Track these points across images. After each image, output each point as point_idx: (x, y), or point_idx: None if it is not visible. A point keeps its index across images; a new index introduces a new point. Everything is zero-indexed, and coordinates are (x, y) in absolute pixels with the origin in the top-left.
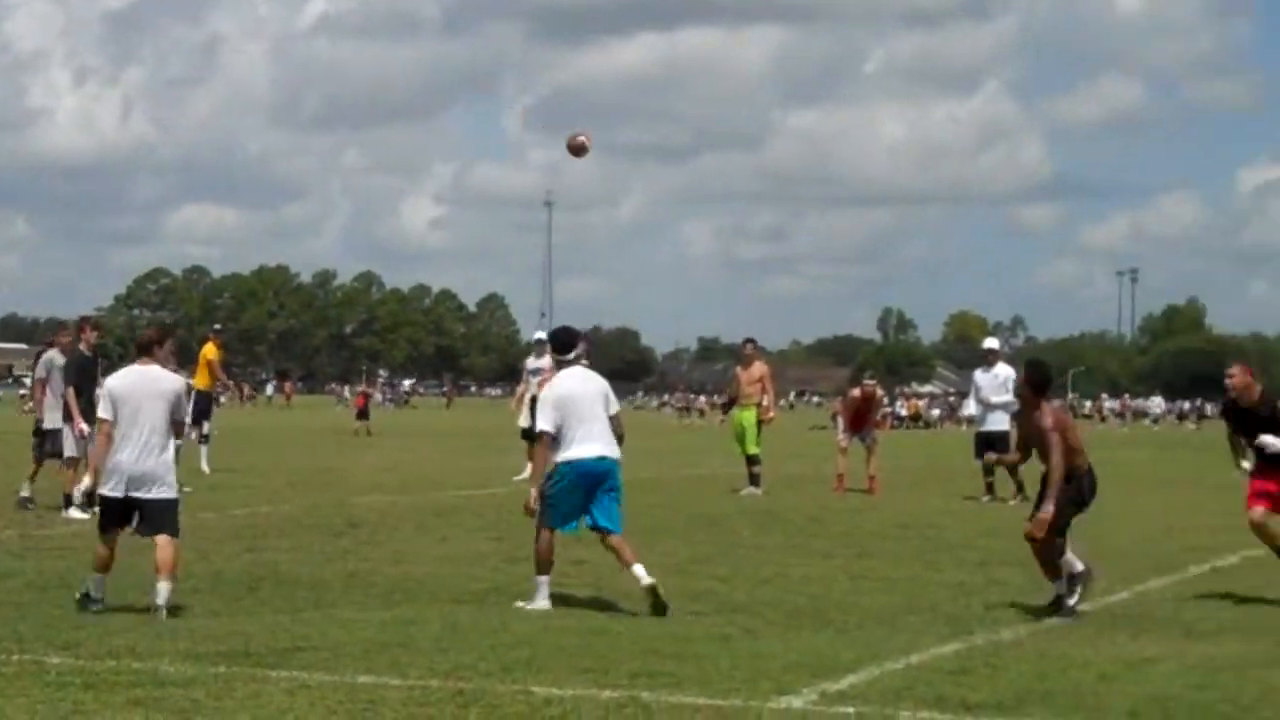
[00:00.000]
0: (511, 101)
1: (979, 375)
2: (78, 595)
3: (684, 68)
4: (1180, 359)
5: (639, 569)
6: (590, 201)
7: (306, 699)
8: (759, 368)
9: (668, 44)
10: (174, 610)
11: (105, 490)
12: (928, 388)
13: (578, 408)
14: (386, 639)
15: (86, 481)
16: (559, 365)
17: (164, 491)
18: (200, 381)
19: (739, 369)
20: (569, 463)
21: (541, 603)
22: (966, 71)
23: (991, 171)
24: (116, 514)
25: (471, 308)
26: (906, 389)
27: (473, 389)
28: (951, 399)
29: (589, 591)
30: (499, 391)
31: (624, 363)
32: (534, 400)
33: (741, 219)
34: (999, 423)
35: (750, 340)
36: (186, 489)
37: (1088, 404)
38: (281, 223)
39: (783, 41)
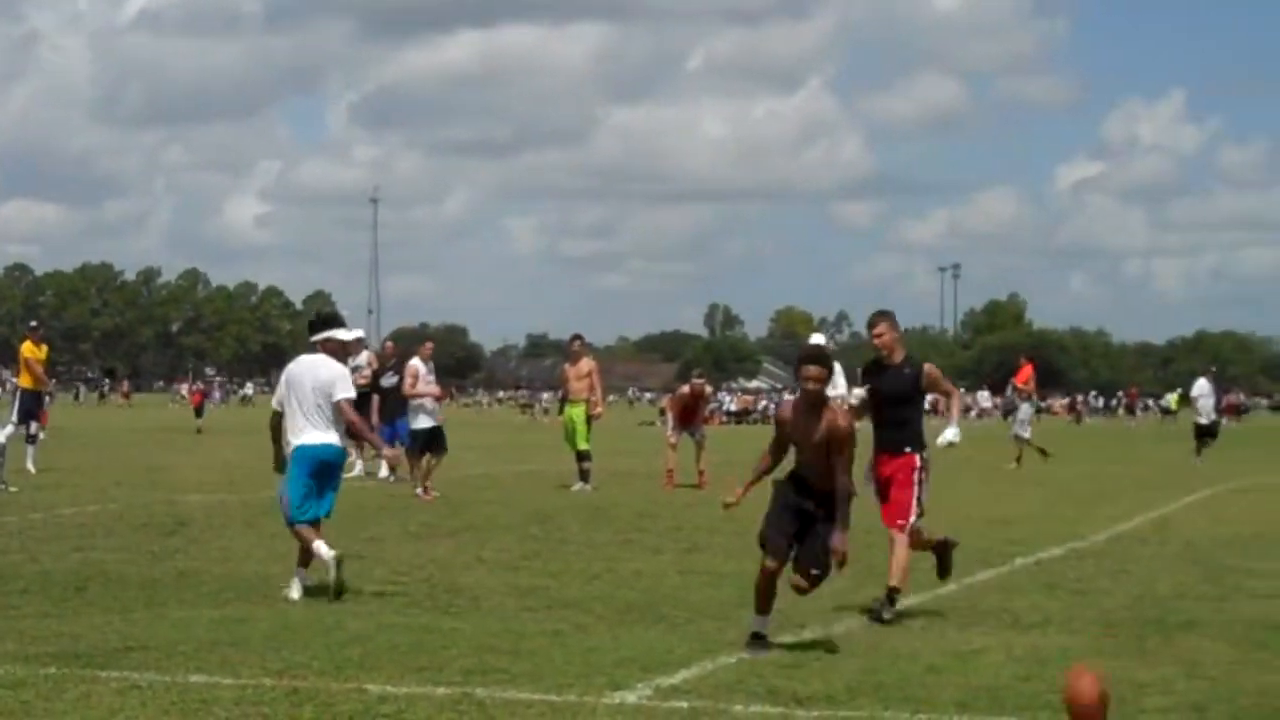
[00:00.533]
0: (336, 98)
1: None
2: None
3: (506, 65)
4: (1002, 353)
5: (323, 547)
6: (416, 198)
7: (138, 699)
8: (586, 364)
9: (490, 41)
10: None
11: None
12: (754, 383)
13: (303, 392)
14: (218, 638)
15: None
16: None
17: None
18: (24, 381)
19: (567, 366)
20: (300, 448)
21: (294, 592)
22: (787, 69)
23: (813, 168)
24: None
25: (298, 305)
26: (734, 384)
27: None
28: (781, 394)
29: (422, 589)
30: None
31: (452, 359)
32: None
33: (567, 215)
34: None
35: (578, 337)
36: (12, 489)
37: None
38: (104, 220)
39: (604, 38)
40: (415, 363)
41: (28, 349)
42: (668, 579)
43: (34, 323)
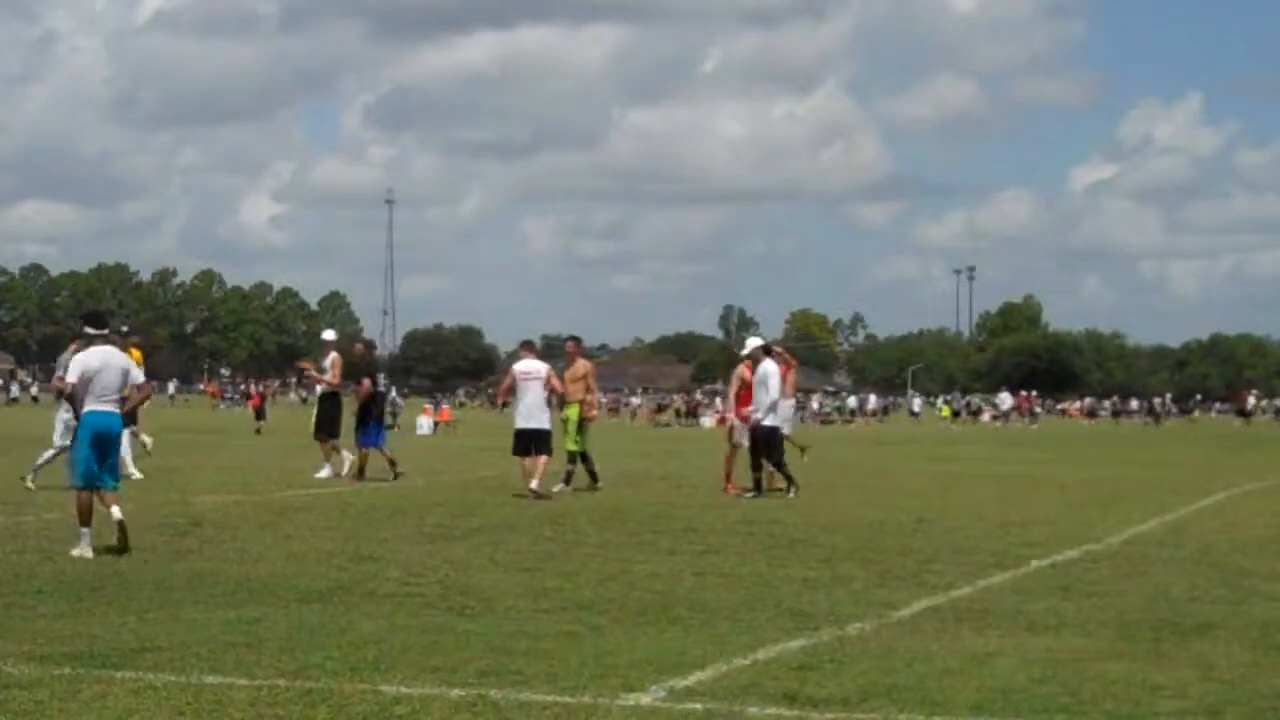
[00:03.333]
0: (351, 99)
1: (741, 370)
2: None
3: (523, 66)
4: (1017, 355)
5: (115, 510)
6: (431, 200)
7: (153, 700)
8: (582, 366)
9: (507, 42)
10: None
11: None
12: None
13: (101, 378)
14: (232, 639)
15: None
16: (90, 341)
17: None
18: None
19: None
20: (87, 413)
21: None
22: (804, 71)
23: (829, 170)
24: None
25: (313, 306)
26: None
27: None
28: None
29: (436, 591)
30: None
31: (467, 361)
32: (324, 398)
33: (582, 217)
34: (768, 420)
35: (573, 338)
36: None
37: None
38: (120, 221)
39: (621, 40)
40: (334, 355)
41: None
42: (682, 580)
43: (125, 328)
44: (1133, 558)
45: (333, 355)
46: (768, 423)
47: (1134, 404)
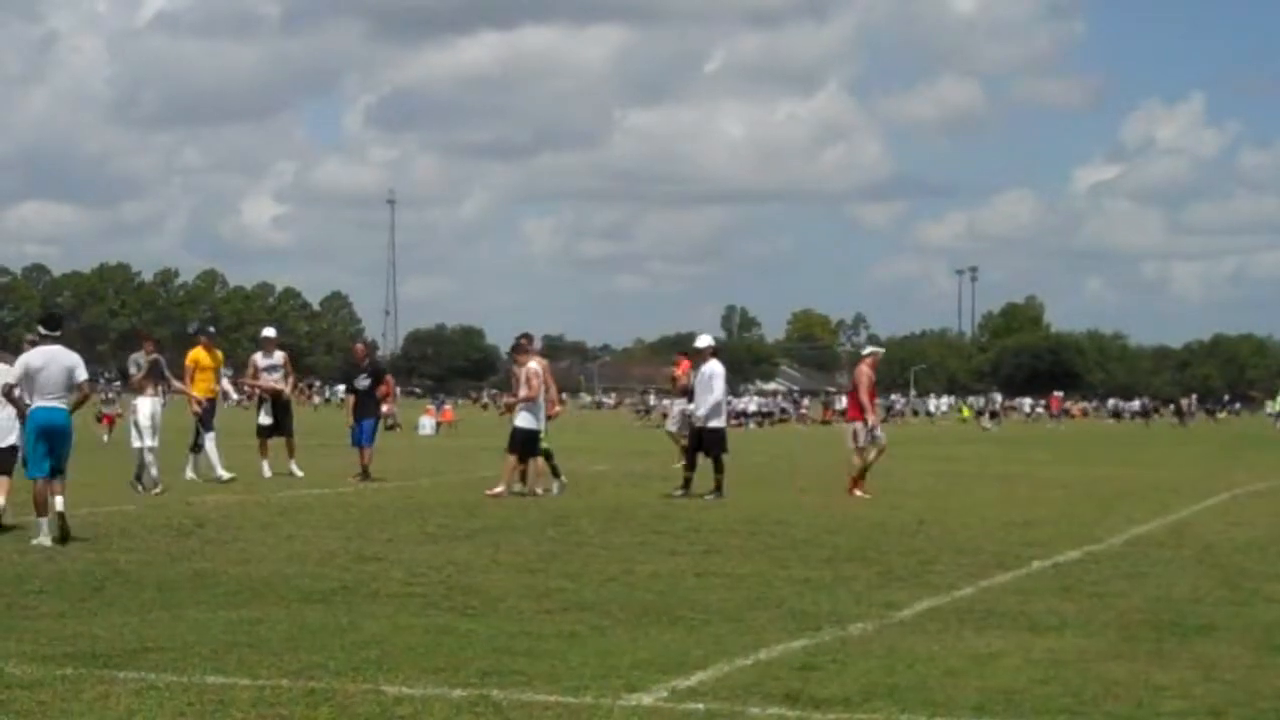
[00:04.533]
0: (352, 100)
1: (692, 372)
2: None
3: (525, 66)
4: (1019, 356)
5: (59, 499)
6: (432, 200)
7: (155, 700)
8: (535, 364)
9: (508, 43)
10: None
11: None
12: (771, 385)
13: (45, 377)
14: (235, 639)
15: None
16: (43, 340)
17: None
18: (196, 388)
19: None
20: (33, 410)
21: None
22: (806, 71)
23: (831, 170)
24: None
25: (316, 306)
26: (750, 386)
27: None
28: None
29: (439, 591)
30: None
31: (469, 361)
32: (271, 397)
33: (584, 217)
34: (713, 419)
35: (526, 336)
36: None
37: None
38: (122, 221)
39: (623, 41)
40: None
41: (199, 355)
42: (684, 581)
43: (211, 329)
44: (1135, 558)
45: (280, 354)
46: (714, 424)
47: (1135, 404)
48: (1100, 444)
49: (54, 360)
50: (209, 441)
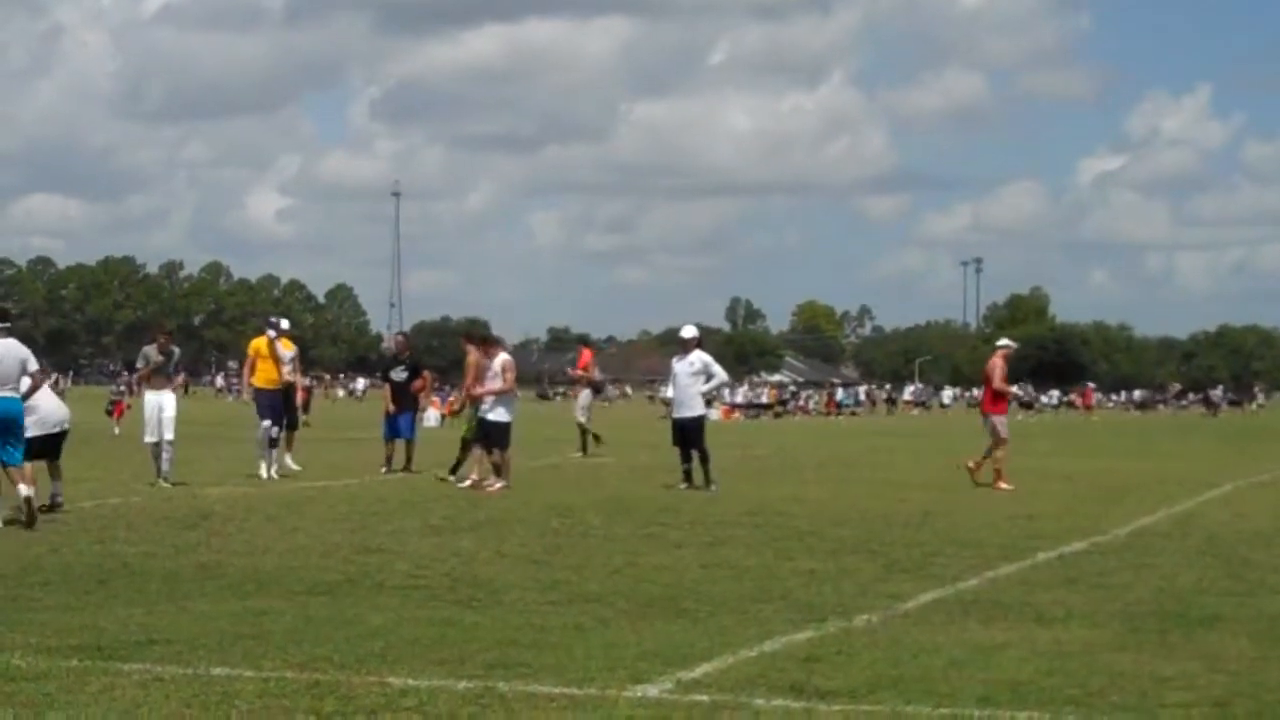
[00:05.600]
0: (357, 93)
1: (675, 363)
2: None
3: (530, 59)
4: (1024, 348)
5: (22, 487)
6: (437, 193)
7: (160, 692)
8: (473, 355)
9: (513, 35)
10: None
11: None
12: (777, 377)
13: (1, 368)
14: (240, 631)
15: None
16: None
17: None
18: (257, 379)
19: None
20: None
21: None
22: (811, 63)
23: (836, 162)
24: None
25: (320, 299)
26: (755, 378)
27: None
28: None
29: (444, 583)
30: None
31: None
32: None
33: (589, 210)
34: (694, 409)
35: (469, 333)
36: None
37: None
38: (127, 214)
39: (629, 33)
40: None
41: (262, 345)
42: (689, 573)
43: (284, 323)
44: (1139, 549)
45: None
46: (695, 413)
47: (1137, 394)
48: (1120, 436)
49: (9, 353)
50: (261, 432)
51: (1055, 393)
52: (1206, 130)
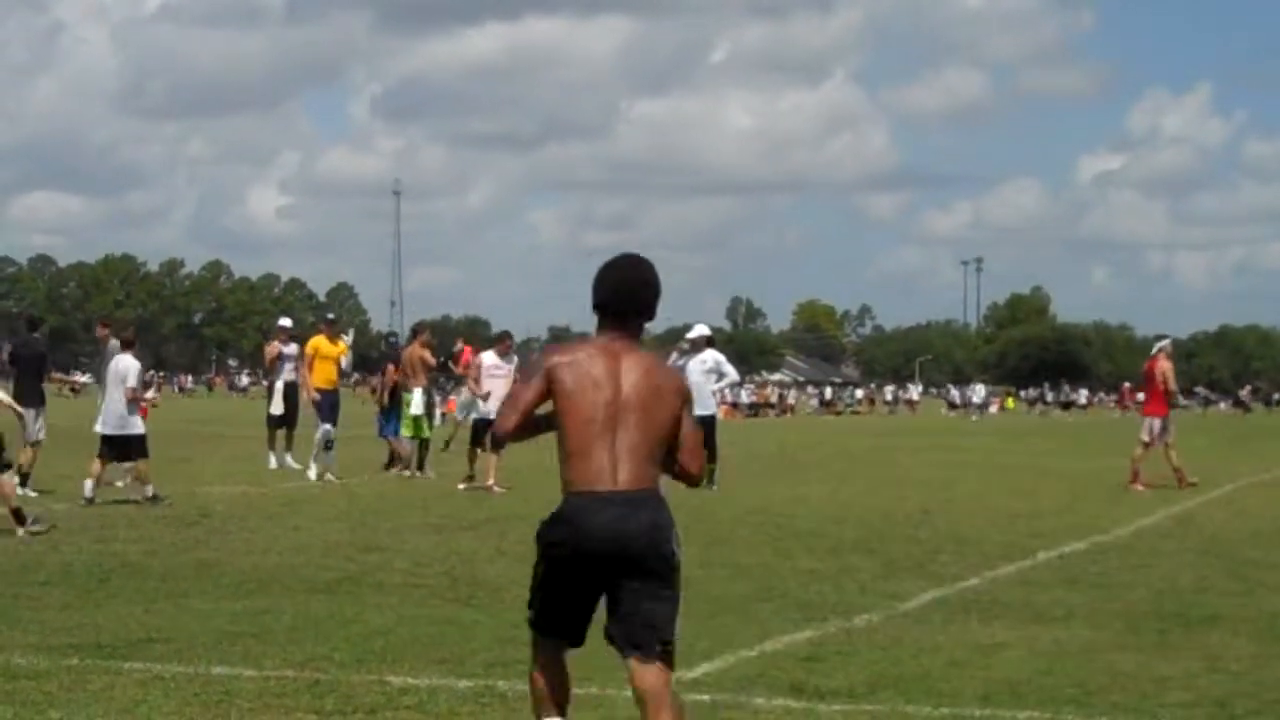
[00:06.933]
0: (358, 90)
1: (685, 361)
2: None
3: (531, 57)
4: (1025, 347)
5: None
6: (438, 190)
7: (160, 690)
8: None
9: (514, 33)
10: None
11: None
12: (777, 376)
13: None
14: (240, 630)
15: None
16: None
17: None
18: (315, 380)
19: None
20: None
21: None
22: (812, 62)
23: (837, 161)
24: None
25: (321, 296)
26: (756, 377)
27: None
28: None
29: (444, 582)
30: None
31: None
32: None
33: (589, 208)
34: (707, 408)
35: (416, 330)
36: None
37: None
38: (127, 211)
39: (629, 31)
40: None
41: (320, 343)
42: (690, 572)
43: (330, 315)
44: (1140, 549)
45: (294, 345)
46: (707, 412)
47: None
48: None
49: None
50: (321, 434)
51: (1084, 392)
52: (1207, 129)
